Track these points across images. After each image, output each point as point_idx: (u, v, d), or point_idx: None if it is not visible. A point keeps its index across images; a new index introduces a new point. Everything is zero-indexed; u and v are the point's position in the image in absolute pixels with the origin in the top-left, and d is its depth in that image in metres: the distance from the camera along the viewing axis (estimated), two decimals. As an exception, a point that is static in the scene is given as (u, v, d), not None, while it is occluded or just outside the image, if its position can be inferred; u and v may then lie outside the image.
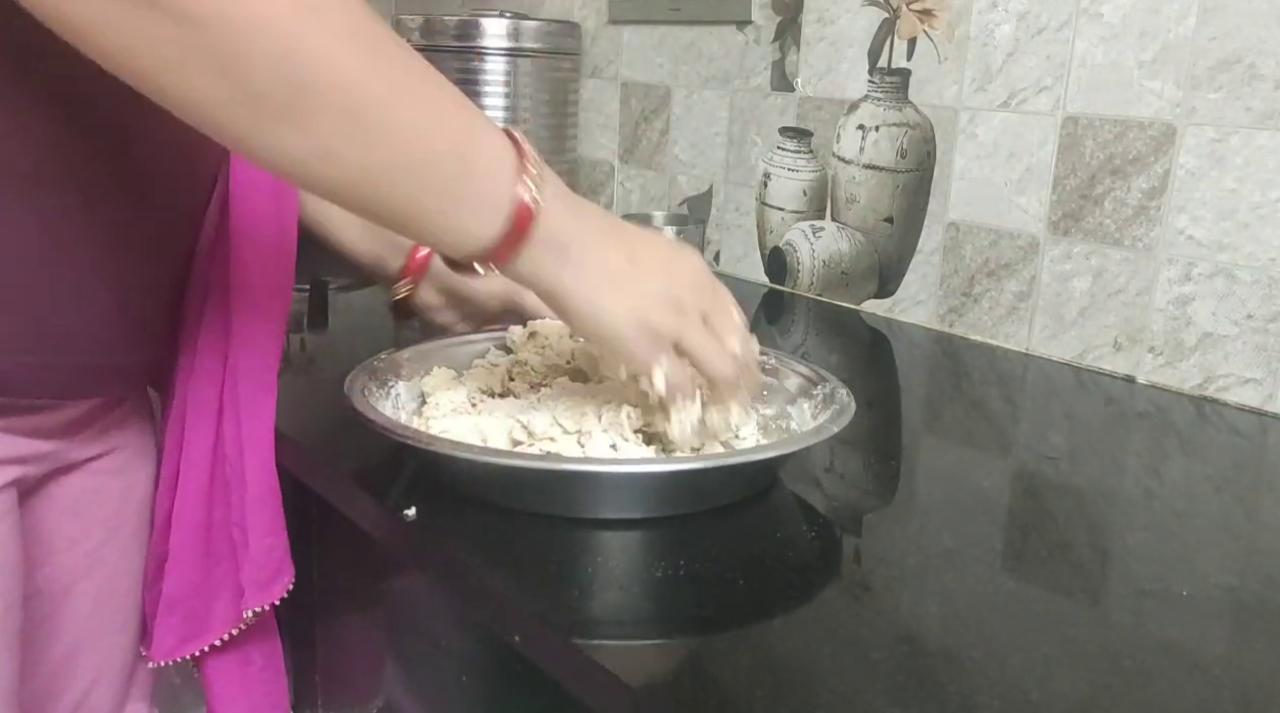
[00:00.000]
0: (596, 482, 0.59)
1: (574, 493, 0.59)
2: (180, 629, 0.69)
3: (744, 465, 0.61)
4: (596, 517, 0.59)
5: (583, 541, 0.57)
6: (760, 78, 1.26)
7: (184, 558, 0.68)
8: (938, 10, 1.06)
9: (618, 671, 0.45)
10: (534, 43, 1.35)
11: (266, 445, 0.67)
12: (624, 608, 0.51)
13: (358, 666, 0.81)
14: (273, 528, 0.67)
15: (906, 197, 1.12)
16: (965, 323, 1.08)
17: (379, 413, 0.63)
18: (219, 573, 0.69)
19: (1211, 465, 0.77)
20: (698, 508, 0.61)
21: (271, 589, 0.68)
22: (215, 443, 0.67)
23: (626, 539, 0.58)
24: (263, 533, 0.67)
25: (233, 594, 0.69)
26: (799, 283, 1.25)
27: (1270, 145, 0.85)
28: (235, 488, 0.67)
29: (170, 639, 0.69)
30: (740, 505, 0.62)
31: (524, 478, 0.59)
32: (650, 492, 0.59)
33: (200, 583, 0.69)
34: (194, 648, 0.70)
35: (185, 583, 0.69)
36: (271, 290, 0.67)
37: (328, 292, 1.06)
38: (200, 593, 0.69)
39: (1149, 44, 0.91)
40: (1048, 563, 0.58)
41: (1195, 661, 0.48)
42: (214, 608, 0.69)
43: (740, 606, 0.51)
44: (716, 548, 0.57)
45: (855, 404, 0.66)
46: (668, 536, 0.58)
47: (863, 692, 0.44)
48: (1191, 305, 0.91)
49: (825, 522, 0.63)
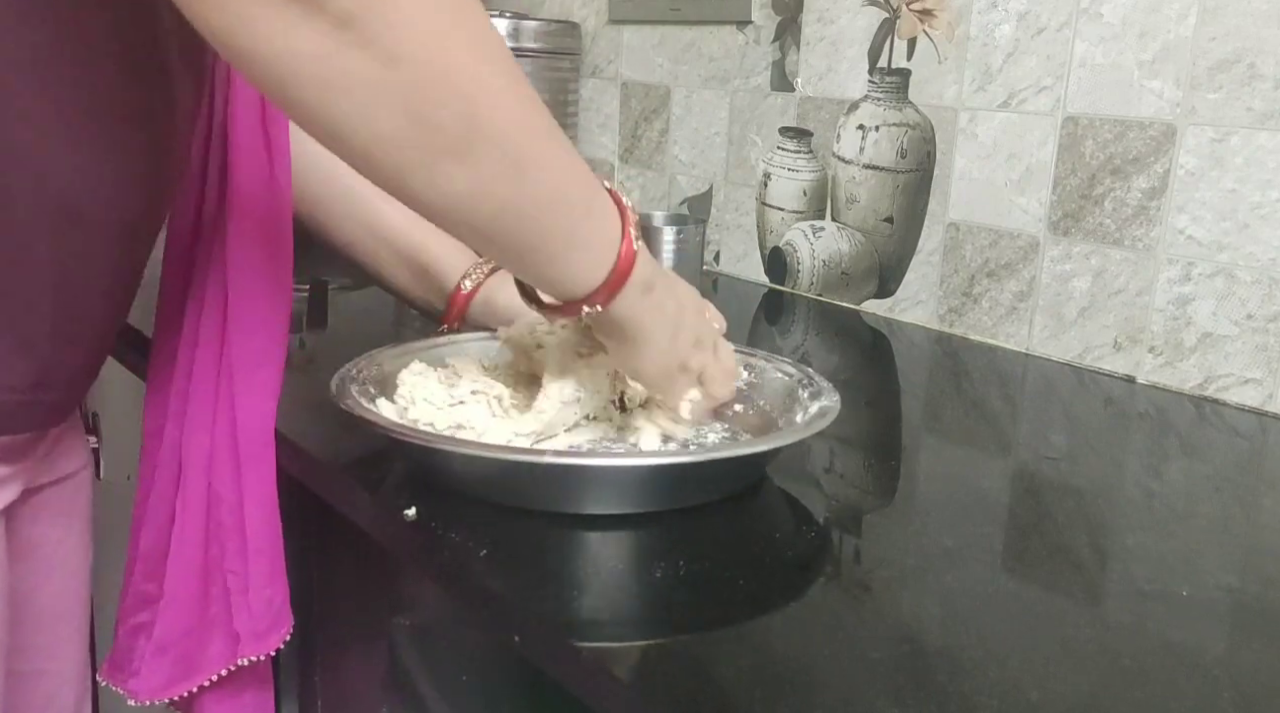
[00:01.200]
0: (589, 475, 0.59)
1: (566, 486, 0.59)
2: (171, 671, 0.68)
3: (734, 459, 0.62)
4: (590, 513, 0.59)
5: (583, 541, 0.57)
6: (760, 78, 1.26)
7: (179, 601, 0.67)
8: (938, 10, 1.06)
9: (617, 671, 0.45)
10: (534, 43, 1.35)
11: (270, 497, 0.66)
12: (624, 608, 0.51)
13: (360, 665, 0.81)
14: (272, 578, 0.67)
15: (906, 196, 1.12)
16: (965, 323, 1.08)
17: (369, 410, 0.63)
18: (213, 614, 0.68)
19: (1211, 465, 0.77)
20: (690, 503, 0.61)
21: (268, 640, 0.67)
22: (209, 486, 0.66)
23: (626, 540, 0.58)
24: (263, 584, 0.66)
25: (227, 638, 0.68)
26: (799, 283, 1.25)
27: (1270, 145, 0.85)
28: (233, 536, 0.66)
29: (160, 678, 0.68)
30: (740, 506, 0.62)
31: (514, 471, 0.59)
32: (639, 485, 0.60)
33: (194, 627, 0.68)
34: (183, 689, 0.69)
35: (180, 626, 0.68)
36: (269, 338, 0.67)
37: (328, 292, 1.06)
38: (193, 635, 0.68)
39: (1149, 44, 0.91)
40: (1048, 563, 0.58)
41: (1195, 661, 0.48)
42: (208, 651, 0.68)
43: (740, 606, 0.51)
44: (716, 548, 0.57)
45: (840, 400, 0.67)
46: (668, 536, 0.58)
47: (863, 692, 0.44)
48: (1191, 305, 0.91)
49: (825, 522, 0.63)
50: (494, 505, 0.60)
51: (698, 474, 0.61)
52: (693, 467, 0.60)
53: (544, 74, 1.37)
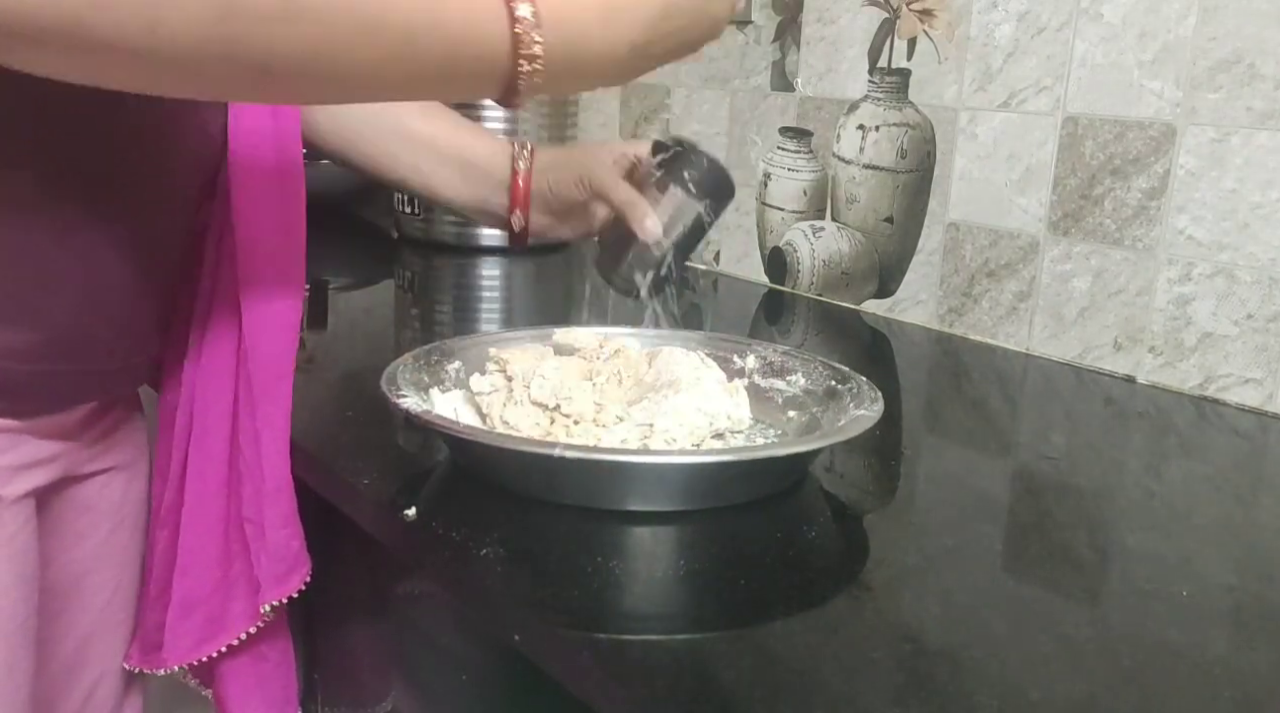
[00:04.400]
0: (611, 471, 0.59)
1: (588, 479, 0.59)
2: (199, 631, 0.68)
3: (771, 461, 0.62)
4: (619, 509, 0.59)
5: (583, 541, 0.57)
6: (760, 78, 1.26)
7: (202, 557, 0.67)
8: (938, 10, 1.06)
9: (618, 670, 0.45)
10: (534, 43, 1.35)
11: (283, 435, 0.66)
12: (624, 608, 0.51)
13: (360, 664, 0.81)
14: (288, 519, 0.67)
15: (906, 196, 1.12)
16: (965, 323, 1.08)
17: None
18: (236, 570, 0.68)
19: (1211, 465, 0.77)
20: (720, 503, 0.61)
21: (289, 582, 0.67)
22: (231, 435, 0.67)
23: (627, 540, 0.58)
24: (279, 525, 0.66)
25: (249, 590, 0.68)
26: (799, 283, 1.25)
27: (1270, 145, 0.85)
28: (251, 480, 0.66)
29: (187, 642, 0.68)
30: (740, 506, 0.62)
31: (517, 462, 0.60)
32: (674, 483, 0.60)
33: (220, 581, 0.68)
34: (212, 648, 0.69)
35: (205, 582, 0.68)
36: (282, 279, 0.66)
37: (328, 292, 1.06)
38: (219, 591, 0.68)
39: (1149, 44, 0.91)
40: (1048, 563, 0.58)
41: (1195, 661, 0.48)
42: (231, 606, 0.68)
43: (740, 606, 0.51)
44: (717, 548, 0.57)
45: (882, 400, 0.67)
46: (668, 536, 0.58)
47: (863, 692, 0.44)
48: (1191, 305, 0.91)
49: (825, 522, 0.63)
50: (494, 505, 0.60)
51: (735, 473, 0.61)
52: (729, 466, 0.60)
53: (544, 74, 1.37)
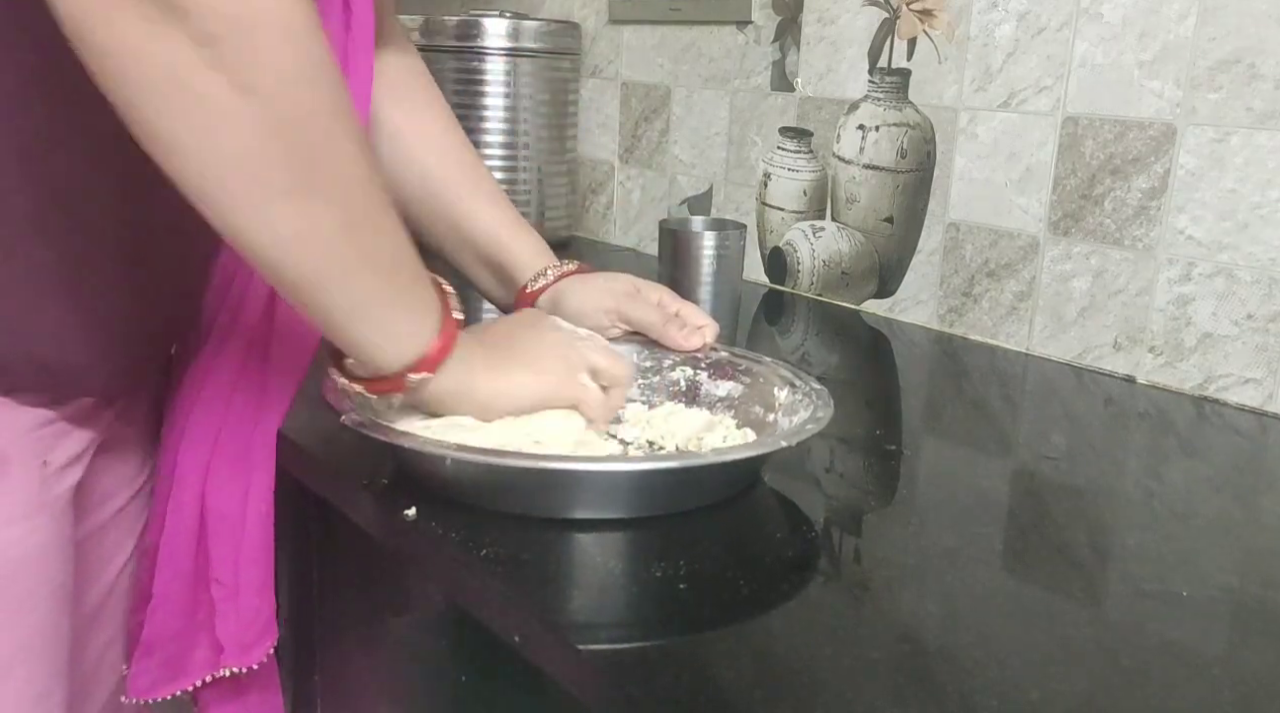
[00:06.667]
0: (579, 480, 0.59)
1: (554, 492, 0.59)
2: (156, 673, 0.68)
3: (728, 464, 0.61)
4: (583, 517, 0.59)
5: (582, 541, 0.57)
6: (760, 78, 1.26)
7: (167, 603, 0.67)
8: (938, 10, 1.06)
9: (617, 671, 0.45)
10: (534, 43, 1.35)
11: (267, 507, 0.66)
12: (624, 608, 0.51)
13: (360, 668, 0.81)
14: (262, 587, 0.67)
15: (906, 196, 1.12)
16: (965, 323, 1.08)
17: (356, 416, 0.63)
18: (199, 619, 0.67)
19: (1211, 465, 0.77)
20: (684, 507, 0.61)
21: (253, 652, 0.67)
22: (203, 491, 0.66)
23: (626, 540, 0.58)
24: (253, 592, 0.66)
25: (211, 646, 0.67)
26: (799, 283, 1.25)
27: (1270, 145, 0.85)
28: (230, 539, 0.66)
29: (145, 680, 0.68)
30: (740, 507, 0.62)
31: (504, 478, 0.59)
32: (630, 490, 0.59)
33: (180, 631, 0.68)
34: (170, 691, 0.68)
35: (167, 629, 0.67)
36: (289, 338, 0.67)
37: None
38: (179, 640, 0.68)
39: (1149, 44, 0.91)
40: (1048, 563, 0.58)
41: (1195, 661, 0.48)
42: (192, 656, 0.68)
43: (740, 606, 0.51)
44: (716, 548, 0.57)
45: (833, 403, 0.67)
46: (667, 536, 0.58)
47: (863, 692, 0.44)
48: (1191, 305, 0.91)
49: (825, 522, 0.63)
50: (488, 507, 0.60)
51: (680, 480, 0.60)
52: (674, 472, 0.60)
53: (544, 74, 1.37)
